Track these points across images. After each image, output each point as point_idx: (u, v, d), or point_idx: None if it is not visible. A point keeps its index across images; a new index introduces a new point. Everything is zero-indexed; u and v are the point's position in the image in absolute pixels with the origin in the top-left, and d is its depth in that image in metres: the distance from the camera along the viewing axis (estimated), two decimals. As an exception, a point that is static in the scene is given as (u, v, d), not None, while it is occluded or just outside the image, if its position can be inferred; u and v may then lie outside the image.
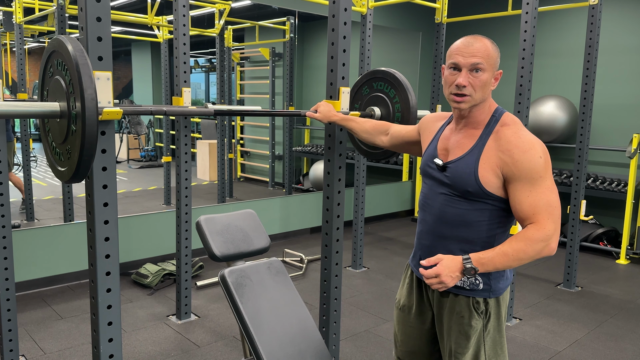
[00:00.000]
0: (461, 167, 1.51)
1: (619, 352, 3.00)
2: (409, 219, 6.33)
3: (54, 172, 1.53)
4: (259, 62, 7.83)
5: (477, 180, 1.47)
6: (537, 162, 1.43)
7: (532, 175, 1.42)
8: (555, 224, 1.42)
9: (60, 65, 1.40)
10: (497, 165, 1.46)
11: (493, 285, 1.55)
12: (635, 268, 4.58)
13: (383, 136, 1.96)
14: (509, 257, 1.41)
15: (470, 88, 1.48)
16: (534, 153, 1.43)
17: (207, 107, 1.95)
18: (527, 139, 1.46)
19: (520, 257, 1.41)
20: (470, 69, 1.47)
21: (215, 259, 1.94)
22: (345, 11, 2.09)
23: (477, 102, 1.50)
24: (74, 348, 2.88)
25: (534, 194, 1.43)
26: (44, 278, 3.69)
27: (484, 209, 1.50)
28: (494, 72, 1.50)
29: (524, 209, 1.44)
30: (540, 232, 1.41)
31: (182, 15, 3.02)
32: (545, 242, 1.41)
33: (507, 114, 1.55)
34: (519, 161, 1.43)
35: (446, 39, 4.73)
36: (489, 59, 1.47)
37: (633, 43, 4.94)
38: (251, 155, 8.21)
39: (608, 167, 5.17)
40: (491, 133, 1.50)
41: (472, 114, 1.54)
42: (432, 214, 1.59)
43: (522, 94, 3.28)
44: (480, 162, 1.48)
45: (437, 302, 1.63)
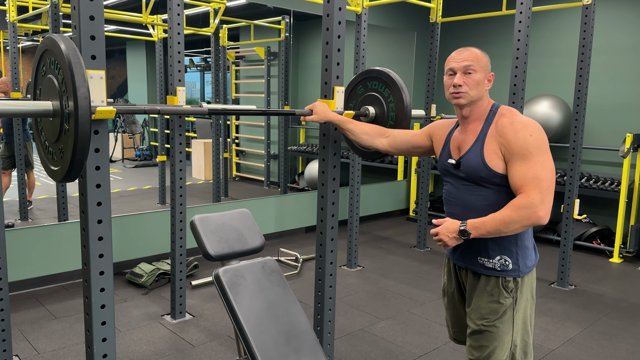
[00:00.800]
0: (470, 158, 1.71)
1: (612, 350, 3.02)
2: (403, 218, 6.34)
3: (47, 171, 1.52)
4: (254, 61, 7.83)
5: (485, 165, 1.66)
6: (527, 139, 1.60)
7: (522, 152, 1.59)
8: (541, 193, 1.55)
9: (53, 64, 1.40)
10: (498, 148, 1.65)
11: (521, 265, 1.71)
12: (628, 267, 4.61)
13: (382, 138, 2.06)
14: (497, 222, 1.58)
15: (465, 86, 1.70)
16: (525, 132, 1.61)
17: (201, 106, 1.95)
18: (520, 121, 1.64)
19: (507, 222, 1.57)
20: (463, 72, 1.70)
21: (210, 259, 1.94)
22: (339, 10, 2.09)
23: (473, 98, 1.71)
24: (68, 348, 2.87)
25: (523, 168, 1.59)
26: (38, 278, 3.67)
27: (500, 190, 1.67)
28: (485, 74, 1.72)
29: (515, 181, 1.61)
30: (525, 200, 1.56)
31: (177, 14, 3.01)
32: (530, 209, 1.54)
33: (503, 106, 1.75)
34: (512, 140, 1.62)
35: (441, 38, 4.74)
36: (478, 62, 1.70)
37: (626, 43, 4.97)
38: (246, 154, 8.21)
39: (601, 167, 5.20)
40: (491, 124, 1.70)
41: (472, 112, 1.74)
42: (458, 205, 1.78)
43: (516, 93, 3.29)
44: (484, 149, 1.68)
45: (470, 283, 1.80)
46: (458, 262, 1.83)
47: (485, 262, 1.73)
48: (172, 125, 3.02)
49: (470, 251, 1.76)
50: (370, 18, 4.57)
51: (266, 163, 7.34)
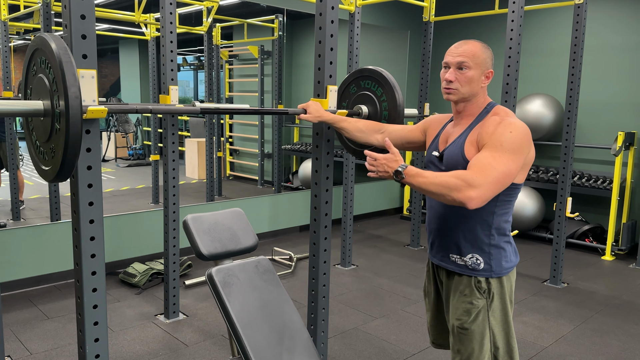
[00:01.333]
0: (452, 149, 1.68)
1: (604, 347, 3.04)
2: (397, 217, 6.36)
3: (38, 171, 1.51)
4: (247, 60, 7.81)
5: (463, 157, 1.63)
6: (504, 133, 1.55)
7: (493, 142, 1.55)
8: (483, 178, 1.46)
9: (44, 64, 1.39)
10: (476, 139, 1.62)
11: (494, 265, 1.67)
12: (620, 264, 4.64)
13: (378, 135, 2.03)
14: (429, 178, 1.51)
15: (457, 83, 1.66)
16: (506, 128, 1.56)
17: (194, 105, 1.94)
18: (510, 121, 1.59)
19: (438, 183, 1.48)
20: (457, 67, 1.66)
21: (203, 258, 1.93)
22: (332, 9, 2.09)
23: (465, 95, 1.68)
24: (61, 348, 2.85)
25: (484, 153, 1.54)
26: (31, 278, 3.65)
27: None
28: (482, 70, 1.67)
29: (472, 161, 1.55)
30: (465, 174, 1.48)
31: (169, 12, 3.00)
32: (465, 184, 1.45)
33: (498, 106, 1.71)
34: (489, 131, 1.58)
35: (434, 37, 4.75)
36: (474, 58, 1.65)
37: (618, 42, 5.00)
38: (240, 153, 8.19)
39: (593, 165, 5.23)
40: (480, 120, 1.67)
41: (466, 108, 1.71)
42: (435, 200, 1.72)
43: (508, 92, 3.31)
44: (465, 142, 1.65)
45: (445, 283, 1.78)
46: (434, 259, 1.81)
47: (457, 259, 1.71)
48: (165, 124, 3.02)
49: (442, 247, 1.75)
50: (364, 17, 4.58)
51: (260, 162, 7.33)
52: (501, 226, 1.68)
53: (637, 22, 4.87)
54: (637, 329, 3.29)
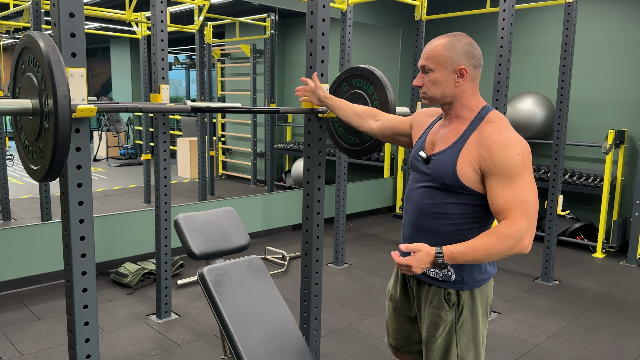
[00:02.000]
0: (442, 159, 1.55)
1: (595, 344, 3.06)
2: (390, 215, 6.37)
3: (27, 170, 1.50)
4: (239, 59, 7.79)
5: (454, 173, 1.51)
6: (514, 158, 1.44)
7: (508, 172, 1.44)
8: (528, 221, 1.41)
9: (32, 62, 1.38)
10: (475, 160, 1.49)
11: (466, 277, 1.58)
12: (611, 261, 4.67)
13: (373, 121, 1.95)
14: (479, 252, 1.42)
15: (425, 87, 1.59)
16: (513, 150, 1.45)
17: (185, 103, 1.93)
18: (508, 136, 1.48)
19: (490, 252, 1.41)
20: (423, 71, 1.60)
21: (194, 258, 1.93)
22: (323, 8, 2.09)
23: (436, 97, 1.58)
24: (52, 349, 2.84)
25: (509, 190, 1.43)
26: (21, 278, 3.62)
27: (461, 202, 1.54)
28: (448, 70, 1.54)
29: (499, 203, 1.45)
30: (512, 228, 1.41)
31: (160, 11, 2.99)
32: (517, 238, 1.40)
33: (493, 112, 1.58)
34: (496, 157, 1.45)
35: (426, 36, 4.75)
36: (435, 59, 1.55)
37: (608, 40, 5.03)
38: (233, 152, 8.17)
39: (584, 163, 5.26)
40: (475, 129, 1.53)
41: (453, 110, 1.59)
42: (413, 204, 1.65)
43: (499, 90, 3.32)
44: (460, 155, 1.52)
45: (416, 291, 1.70)
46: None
47: (429, 269, 1.58)
48: (156, 123, 3.00)
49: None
50: (356, 15, 4.58)
51: (253, 161, 7.31)
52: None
53: (628, 21, 4.91)
54: (627, 326, 3.32)
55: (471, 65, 1.55)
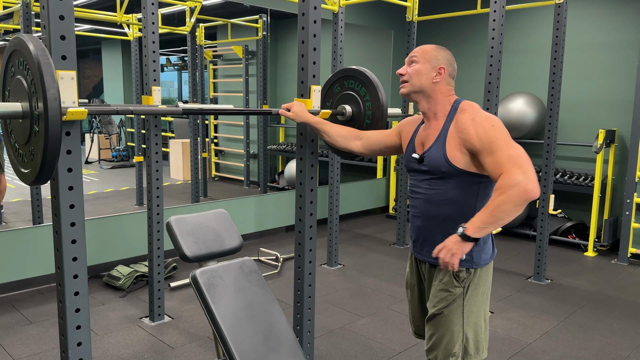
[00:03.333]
0: (433, 153, 1.74)
1: (587, 342, 3.08)
2: (383, 216, 6.38)
3: (17, 174, 1.49)
4: (232, 60, 7.78)
5: (447, 160, 1.70)
6: (489, 129, 1.62)
7: (489, 142, 1.61)
8: (521, 168, 1.51)
9: (22, 65, 1.37)
10: (460, 143, 1.68)
11: (475, 256, 1.75)
12: (602, 260, 4.71)
13: (357, 141, 2.08)
14: (489, 210, 1.53)
15: (407, 75, 1.79)
16: (486, 124, 1.64)
17: (177, 105, 1.93)
18: (480, 116, 1.67)
19: (499, 206, 1.51)
20: (408, 63, 1.81)
21: (187, 260, 1.92)
22: (315, 9, 2.09)
23: (415, 87, 1.77)
24: (44, 353, 2.82)
25: (495, 155, 1.59)
26: (13, 282, 3.60)
27: (459, 186, 1.71)
28: (431, 65, 1.76)
29: (492, 171, 1.59)
30: (507, 179, 1.51)
31: (151, 12, 2.98)
32: (517, 185, 1.49)
33: (464, 101, 1.77)
34: (475, 134, 1.64)
35: (417, 37, 4.77)
36: (423, 54, 1.78)
37: (598, 41, 5.07)
38: (226, 154, 8.15)
39: (575, 162, 5.30)
40: (452, 120, 1.74)
41: (429, 109, 1.79)
42: (420, 198, 1.81)
43: (490, 90, 3.34)
44: (446, 144, 1.71)
45: (427, 275, 1.87)
46: (418, 254, 1.88)
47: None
48: (148, 125, 2.99)
49: (427, 243, 1.81)
50: (348, 17, 4.59)
51: (246, 162, 7.30)
52: None
53: (617, 21, 4.95)
54: (619, 324, 3.34)
55: (450, 69, 1.78)
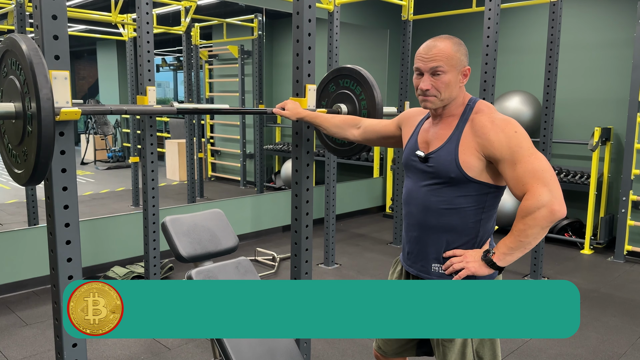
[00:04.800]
0: (442, 155, 1.55)
1: (583, 340, 3.09)
2: (380, 215, 6.38)
3: (11, 174, 1.49)
4: (227, 60, 7.76)
5: (458, 165, 1.51)
6: (512, 136, 1.47)
7: (511, 151, 1.46)
8: (547, 186, 1.40)
9: (15, 65, 1.36)
10: (476, 149, 1.50)
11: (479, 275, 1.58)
12: (598, 258, 4.72)
13: (354, 129, 1.97)
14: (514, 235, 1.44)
15: (434, 90, 1.53)
16: (508, 130, 1.48)
17: (172, 105, 1.93)
18: (501, 119, 1.51)
19: (527, 232, 1.41)
20: (431, 73, 1.53)
21: (182, 260, 1.92)
22: (309, 8, 2.09)
23: (445, 100, 1.55)
24: (40, 355, 2.80)
25: (518, 167, 1.45)
26: (8, 284, 3.58)
27: (467, 194, 1.53)
28: (458, 71, 1.54)
29: (513, 185, 1.46)
30: (532, 200, 1.40)
31: (146, 12, 2.97)
32: (543, 206, 1.38)
33: (480, 101, 1.60)
34: (495, 141, 1.47)
35: (413, 36, 4.78)
36: (449, 60, 1.52)
37: (593, 39, 5.08)
38: (222, 154, 8.14)
39: (571, 160, 5.31)
40: (467, 121, 1.55)
41: (445, 110, 1.59)
42: (417, 204, 1.62)
43: (486, 89, 3.34)
44: (459, 148, 1.52)
45: None
46: (410, 268, 1.68)
47: (439, 268, 1.59)
48: (143, 125, 2.98)
49: (422, 257, 1.63)
50: (343, 16, 4.58)
51: (242, 163, 7.29)
52: (487, 231, 1.59)
53: (611, 19, 4.96)
54: (615, 321, 3.35)
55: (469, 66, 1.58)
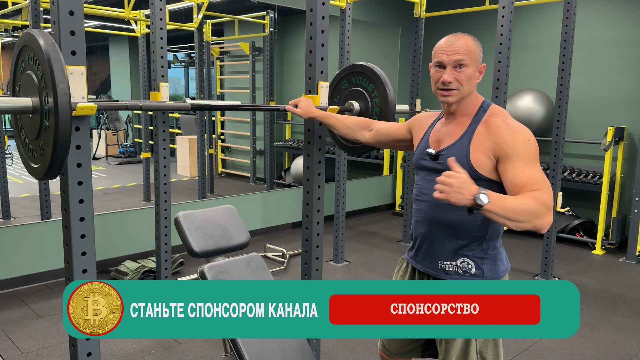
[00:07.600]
0: (453, 152, 1.55)
1: (594, 340, 3.07)
2: (389, 213, 6.37)
3: (27, 168, 1.50)
4: (238, 57, 7.78)
5: (469, 163, 1.52)
6: (527, 143, 1.48)
7: (525, 154, 1.47)
8: (551, 203, 1.39)
9: (32, 60, 1.38)
10: (489, 148, 1.52)
11: (486, 270, 1.59)
12: (610, 258, 4.68)
13: (366, 132, 1.99)
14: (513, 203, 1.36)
15: (456, 83, 1.56)
16: (523, 136, 1.49)
17: (185, 101, 1.94)
18: (516, 125, 1.53)
19: (522, 209, 1.36)
20: (454, 66, 1.55)
21: (194, 255, 1.93)
22: (323, 5, 2.08)
23: (465, 94, 1.58)
24: (52, 347, 2.84)
25: (529, 170, 1.45)
26: (21, 277, 3.63)
27: None
28: (477, 66, 1.58)
29: (521, 182, 1.43)
30: (544, 197, 1.38)
31: (159, 9, 2.98)
32: (545, 208, 1.37)
33: (494, 105, 1.62)
34: (510, 141, 1.48)
35: (425, 33, 4.76)
36: (470, 55, 1.55)
37: (607, 37, 5.03)
38: (232, 150, 8.16)
39: (584, 160, 5.26)
40: (480, 121, 1.57)
41: (460, 107, 1.61)
42: (427, 201, 1.63)
43: (499, 87, 3.32)
44: (471, 146, 1.54)
45: None
46: (419, 265, 1.70)
47: (447, 265, 1.61)
48: (156, 121, 3.00)
49: (431, 253, 1.65)
50: (355, 13, 4.57)
51: (252, 159, 7.31)
52: (496, 230, 1.60)
53: (626, 18, 4.91)
54: (626, 322, 3.33)
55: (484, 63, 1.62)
